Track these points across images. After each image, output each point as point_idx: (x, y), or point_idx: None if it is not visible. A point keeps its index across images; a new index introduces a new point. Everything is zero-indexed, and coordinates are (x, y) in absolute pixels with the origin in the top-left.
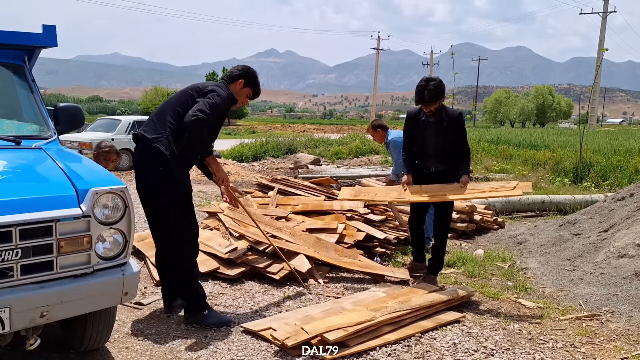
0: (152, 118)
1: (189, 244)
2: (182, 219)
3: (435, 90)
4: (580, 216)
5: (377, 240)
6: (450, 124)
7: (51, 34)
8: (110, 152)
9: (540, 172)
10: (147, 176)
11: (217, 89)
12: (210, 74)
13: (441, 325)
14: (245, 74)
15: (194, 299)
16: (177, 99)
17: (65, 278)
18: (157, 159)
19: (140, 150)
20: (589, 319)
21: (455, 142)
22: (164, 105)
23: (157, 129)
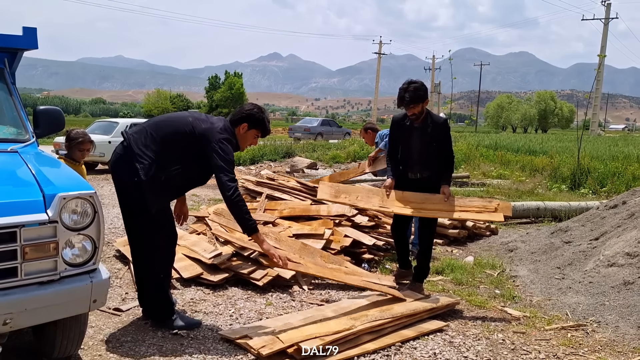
0: (146, 129)
1: (160, 250)
2: (157, 228)
3: (414, 92)
4: (572, 224)
5: (366, 246)
6: (435, 131)
7: (31, 37)
8: (83, 141)
9: (538, 178)
10: (126, 181)
11: (226, 144)
12: (213, 77)
13: (423, 334)
14: (248, 116)
15: (164, 304)
16: (178, 125)
17: (30, 285)
18: (134, 175)
19: (121, 154)
20: (575, 329)
21: (439, 149)
22: (165, 121)
23: (147, 148)
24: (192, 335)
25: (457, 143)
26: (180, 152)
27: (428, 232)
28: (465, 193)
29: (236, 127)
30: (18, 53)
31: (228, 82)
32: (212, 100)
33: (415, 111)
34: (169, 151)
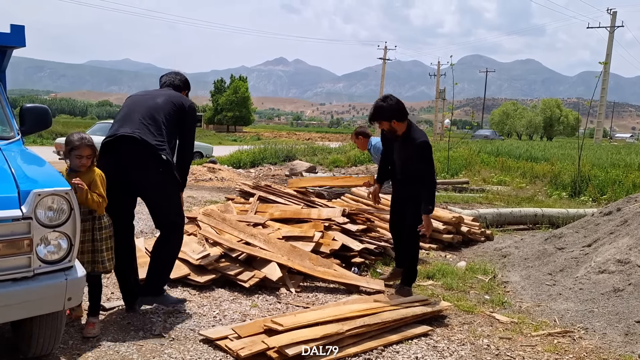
0: (141, 121)
1: (182, 233)
2: (181, 212)
3: (375, 110)
4: (566, 230)
5: (356, 250)
6: (412, 149)
7: (19, 34)
8: (80, 146)
9: (538, 184)
10: (148, 176)
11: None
12: (219, 80)
13: (407, 338)
14: (188, 83)
15: (162, 282)
16: (164, 107)
17: (3, 281)
18: (161, 165)
19: (139, 153)
20: (562, 336)
21: (417, 168)
22: (151, 110)
23: (156, 136)
24: (174, 336)
25: (459, 149)
26: (173, 128)
27: (411, 237)
28: (464, 199)
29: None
30: (7, 51)
31: (233, 86)
32: (217, 104)
33: (383, 127)
34: (168, 130)
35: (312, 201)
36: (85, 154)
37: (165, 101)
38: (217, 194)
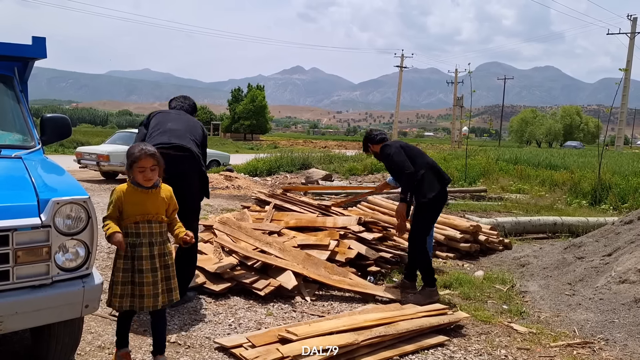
0: (188, 137)
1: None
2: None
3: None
4: (586, 239)
5: (372, 259)
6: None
7: (41, 46)
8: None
9: (558, 193)
10: (192, 181)
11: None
12: (236, 89)
13: (423, 348)
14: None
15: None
16: (198, 129)
17: (22, 288)
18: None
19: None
20: (581, 347)
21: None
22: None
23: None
24: (189, 344)
25: (477, 157)
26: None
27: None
28: (482, 207)
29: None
30: (29, 62)
31: (250, 94)
32: (235, 113)
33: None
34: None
35: (327, 209)
36: (148, 165)
37: (197, 124)
38: (234, 201)
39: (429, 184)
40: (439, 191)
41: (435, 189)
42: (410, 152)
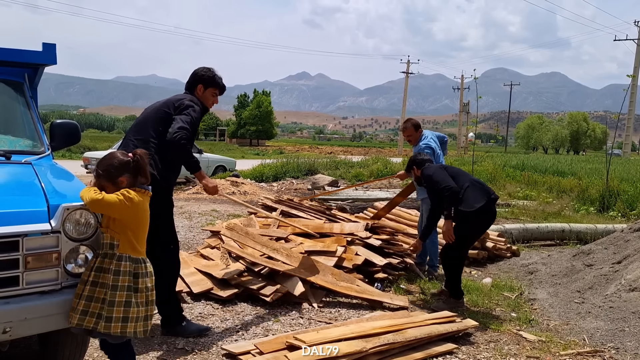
0: (130, 139)
1: (169, 254)
2: (164, 230)
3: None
4: (595, 246)
5: (380, 266)
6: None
7: (51, 52)
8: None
9: (565, 199)
10: None
11: (192, 104)
12: (242, 95)
13: (432, 356)
14: (200, 77)
15: (173, 310)
16: (154, 115)
17: (31, 294)
18: None
19: None
20: (591, 355)
21: None
22: (140, 123)
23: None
24: (196, 350)
25: (483, 163)
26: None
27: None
28: None
29: (194, 92)
30: (39, 68)
31: (256, 100)
32: (241, 118)
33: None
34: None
35: (334, 215)
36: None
37: (156, 109)
38: (240, 207)
39: (474, 197)
40: (485, 204)
41: (481, 201)
42: (451, 171)
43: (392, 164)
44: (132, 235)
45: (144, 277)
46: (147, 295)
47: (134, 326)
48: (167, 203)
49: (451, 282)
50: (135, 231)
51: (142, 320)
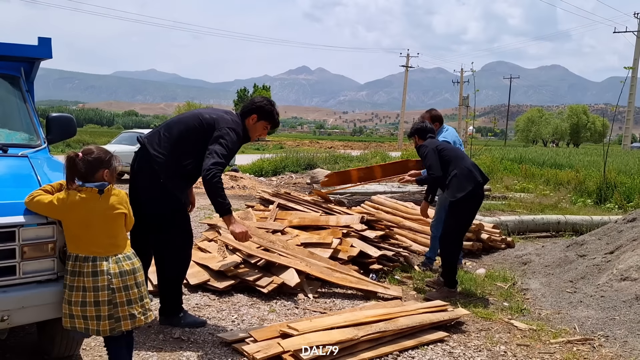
0: (159, 130)
1: (181, 252)
2: (176, 229)
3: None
4: (589, 237)
5: (374, 257)
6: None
7: (46, 47)
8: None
9: (563, 192)
10: (144, 185)
11: (230, 132)
12: (242, 90)
13: (423, 344)
14: (258, 108)
15: (175, 302)
16: (188, 122)
17: (28, 283)
18: (153, 174)
19: (139, 158)
20: (581, 343)
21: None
22: (175, 121)
23: (160, 147)
24: (192, 340)
25: (481, 156)
26: (191, 147)
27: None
28: (486, 206)
29: (246, 119)
30: (35, 63)
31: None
32: None
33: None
34: (181, 147)
35: (330, 208)
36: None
37: (195, 116)
38: (239, 201)
39: (459, 185)
40: (469, 192)
41: (464, 190)
42: (448, 153)
43: (391, 158)
44: (73, 234)
45: (95, 275)
46: (105, 294)
47: (95, 324)
48: (176, 203)
49: (447, 271)
50: (75, 230)
51: (104, 320)
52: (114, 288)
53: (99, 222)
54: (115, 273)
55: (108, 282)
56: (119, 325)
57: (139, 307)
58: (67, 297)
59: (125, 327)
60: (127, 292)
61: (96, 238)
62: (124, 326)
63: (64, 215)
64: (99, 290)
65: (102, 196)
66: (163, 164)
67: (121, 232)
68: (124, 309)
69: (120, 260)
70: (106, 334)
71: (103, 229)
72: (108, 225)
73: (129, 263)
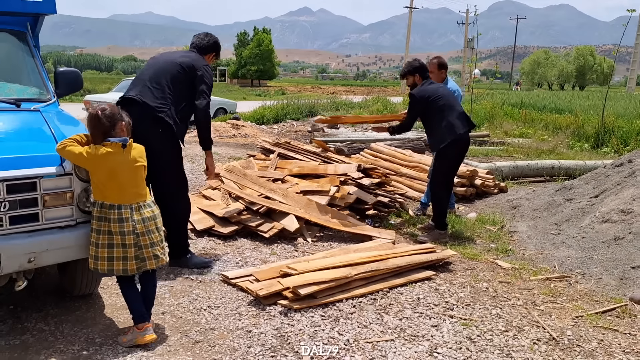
0: (146, 84)
1: (181, 196)
2: (176, 175)
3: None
4: (577, 182)
5: (370, 203)
6: None
7: (50, 1)
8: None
9: (561, 137)
10: (149, 138)
11: (207, 69)
12: (242, 33)
13: (411, 282)
14: (216, 45)
15: (181, 244)
16: (170, 70)
17: (50, 229)
18: (161, 126)
19: (139, 115)
20: (559, 280)
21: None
22: (158, 72)
23: (158, 98)
24: (201, 279)
25: (482, 102)
26: (184, 92)
27: (430, 185)
28: (484, 152)
29: (206, 55)
30: (39, 18)
31: (257, 38)
32: (241, 57)
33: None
34: (175, 94)
35: (329, 157)
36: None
37: (173, 63)
38: (240, 150)
39: (441, 136)
40: (449, 142)
41: (444, 141)
42: (441, 102)
43: (392, 104)
44: (100, 184)
45: (121, 222)
46: (131, 238)
47: (121, 264)
48: (177, 149)
49: (437, 214)
50: (103, 180)
51: (131, 260)
52: (138, 233)
53: (123, 173)
54: (139, 219)
55: (133, 227)
56: (144, 265)
57: (160, 248)
58: (94, 240)
59: (150, 267)
60: (149, 235)
61: (121, 188)
62: (149, 265)
63: (93, 166)
64: (125, 235)
65: (125, 150)
66: (168, 113)
67: (142, 182)
68: (148, 251)
69: (142, 208)
70: (134, 272)
71: (127, 180)
72: (131, 176)
73: (150, 210)
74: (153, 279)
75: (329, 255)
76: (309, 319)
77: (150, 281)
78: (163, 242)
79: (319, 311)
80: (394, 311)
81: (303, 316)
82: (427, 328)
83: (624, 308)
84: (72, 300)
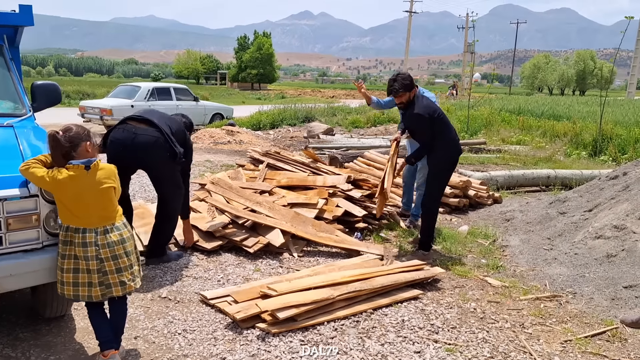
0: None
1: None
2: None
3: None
4: (571, 194)
5: (359, 216)
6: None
7: (27, 14)
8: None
9: (558, 144)
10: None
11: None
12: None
13: (397, 302)
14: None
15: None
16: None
17: (15, 253)
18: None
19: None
20: (549, 300)
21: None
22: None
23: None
24: (179, 299)
25: (480, 108)
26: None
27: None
28: (480, 160)
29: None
30: (19, 29)
31: (257, 42)
32: (241, 61)
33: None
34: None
35: (318, 168)
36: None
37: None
38: (234, 157)
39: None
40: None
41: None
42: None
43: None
44: (64, 207)
45: (85, 246)
46: (94, 263)
47: (86, 290)
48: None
49: (426, 232)
50: (67, 204)
51: (95, 286)
52: (102, 258)
53: (88, 196)
54: (103, 244)
55: (96, 252)
56: (109, 291)
57: (128, 274)
58: (59, 265)
59: (116, 293)
60: (115, 261)
61: (86, 211)
62: (114, 292)
63: (55, 190)
64: (88, 260)
65: (90, 172)
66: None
67: (110, 204)
68: (114, 277)
69: (109, 232)
70: (99, 298)
71: (92, 203)
72: (97, 198)
73: (117, 234)
74: (122, 306)
75: (313, 273)
76: (287, 345)
77: (118, 308)
78: (133, 266)
79: (298, 335)
80: (376, 335)
81: (281, 341)
82: (410, 354)
83: (615, 331)
84: (44, 322)
